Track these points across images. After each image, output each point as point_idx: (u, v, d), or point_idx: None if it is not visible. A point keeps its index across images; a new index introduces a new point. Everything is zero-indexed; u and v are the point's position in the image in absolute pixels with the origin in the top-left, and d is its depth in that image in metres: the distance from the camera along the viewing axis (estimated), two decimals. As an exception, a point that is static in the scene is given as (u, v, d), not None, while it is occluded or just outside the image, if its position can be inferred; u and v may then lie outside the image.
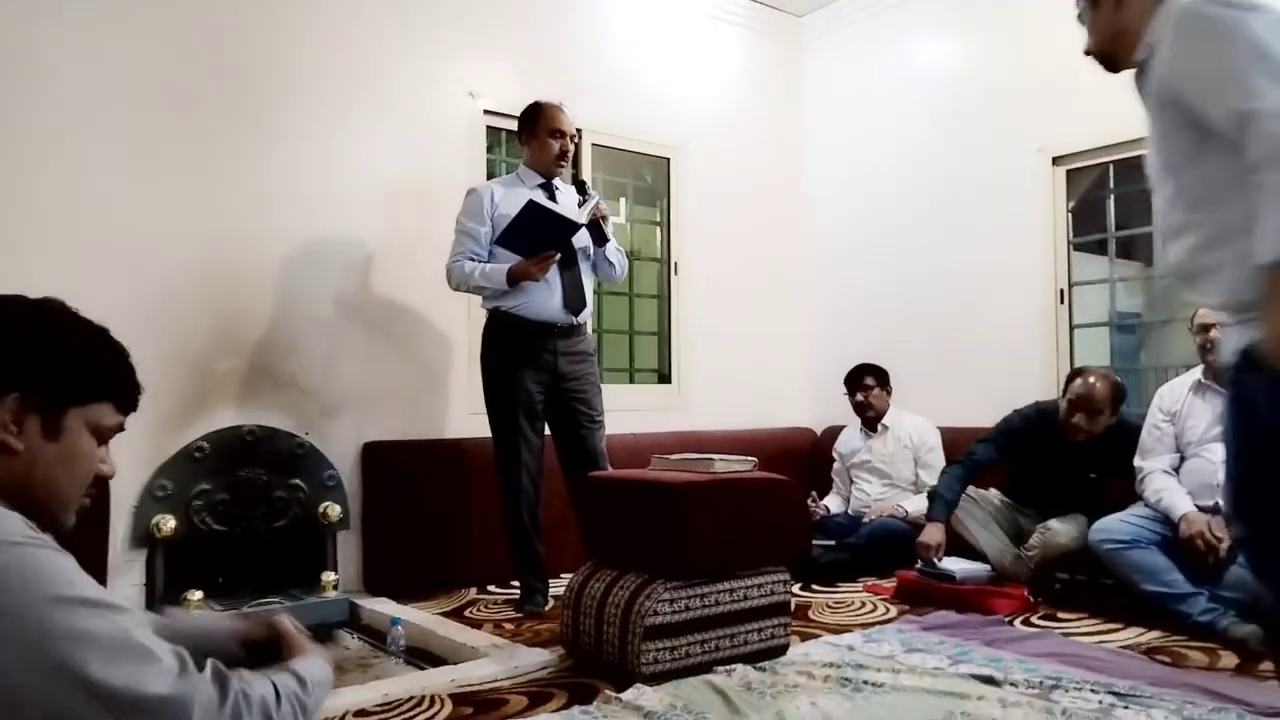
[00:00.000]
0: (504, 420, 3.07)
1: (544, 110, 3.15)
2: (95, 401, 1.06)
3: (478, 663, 2.48)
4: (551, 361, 3.07)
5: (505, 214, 2.99)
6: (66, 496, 1.05)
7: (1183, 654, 2.49)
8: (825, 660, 2.43)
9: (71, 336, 1.05)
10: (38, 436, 1.01)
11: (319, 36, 3.46)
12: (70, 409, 1.03)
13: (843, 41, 4.92)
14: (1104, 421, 3.14)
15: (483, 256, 3.07)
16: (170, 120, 3.14)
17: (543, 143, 3.13)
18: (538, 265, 2.94)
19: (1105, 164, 3.97)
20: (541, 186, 3.16)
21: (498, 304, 3.07)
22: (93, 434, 1.06)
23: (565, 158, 3.15)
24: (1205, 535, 2.70)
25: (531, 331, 3.05)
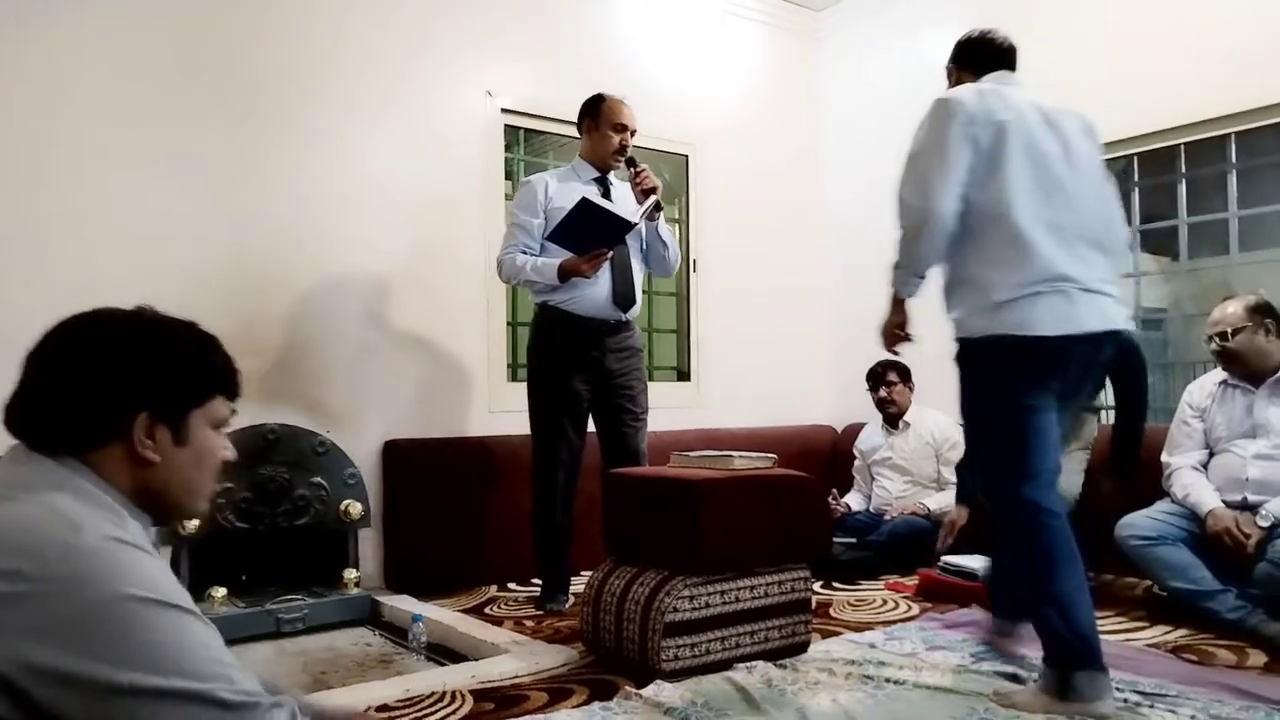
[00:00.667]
0: (545, 418, 3.05)
1: (607, 102, 3.13)
2: (210, 399, 1.11)
3: (498, 659, 2.49)
4: (598, 359, 3.05)
5: (559, 207, 2.96)
6: (203, 490, 1.13)
7: (1210, 652, 2.46)
8: (847, 658, 2.42)
9: (177, 344, 1.11)
10: (170, 445, 1.07)
11: (337, 38, 3.49)
12: (192, 413, 1.09)
13: (861, 35, 4.89)
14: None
15: (534, 249, 3.05)
16: (192, 122, 3.17)
17: (604, 135, 3.11)
18: (589, 264, 2.91)
19: (1129, 156, 3.92)
20: (597, 181, 3.14)
21: (546, 298, 3.05)
22: (213, 428, 1.12)
23: (623, 152, 3.10)
24: (1232, 531, 2.66)
25: (580, 327, 3.02)
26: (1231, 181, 3.66)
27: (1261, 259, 3.77)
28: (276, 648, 2.87)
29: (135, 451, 1.04)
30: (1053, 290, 2.01)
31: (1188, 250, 3.92)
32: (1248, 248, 3.73)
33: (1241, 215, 3.67)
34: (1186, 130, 3.68)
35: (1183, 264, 4.01)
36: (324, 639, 2.97)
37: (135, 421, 1.04)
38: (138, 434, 1.04)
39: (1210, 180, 3.81)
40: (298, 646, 2.89)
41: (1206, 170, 3.78)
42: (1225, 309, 2.85)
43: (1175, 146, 3.77)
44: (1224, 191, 3.69)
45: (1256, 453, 2.77)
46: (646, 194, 2.99)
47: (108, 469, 1.03)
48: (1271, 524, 2.63)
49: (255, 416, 3.18)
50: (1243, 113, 3.51)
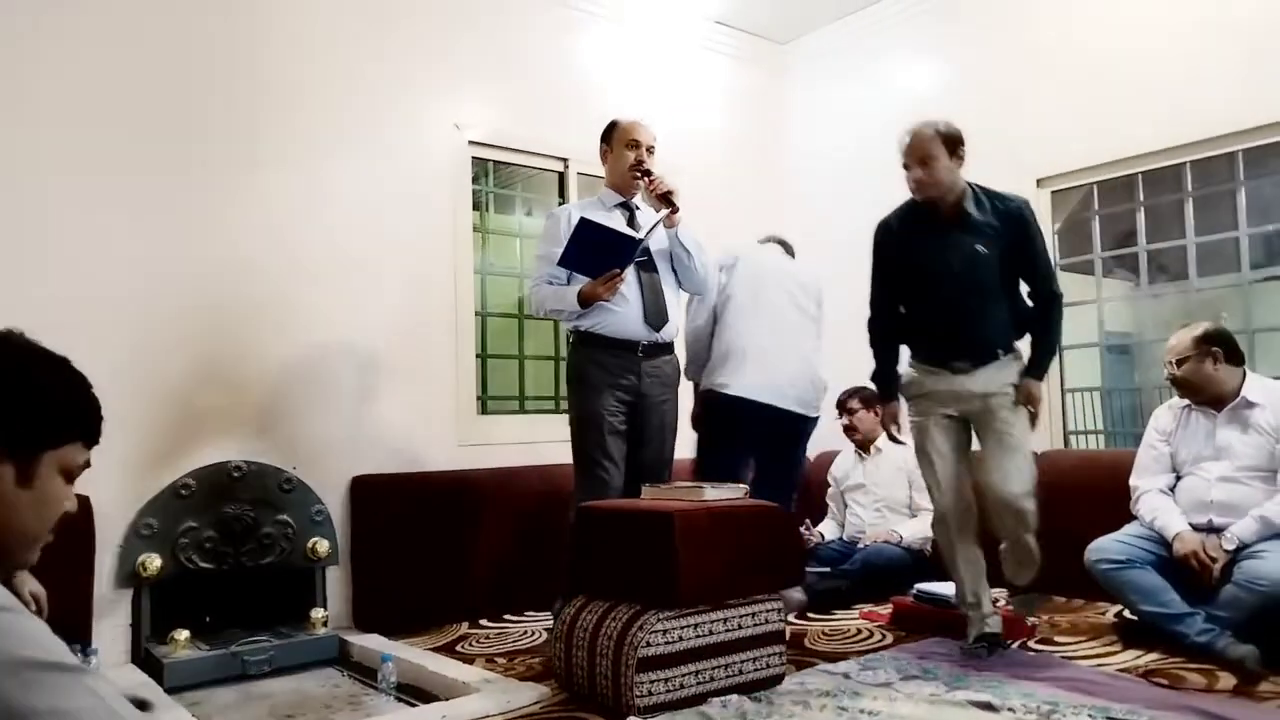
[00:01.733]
0: (588, 445, 2.94)
1: (620, 123, 3.11)
2: (67, 443, 1.03)
3: (469, 698, 2.45)
4: (635, 383, 2.95)
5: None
6: (36, 539, 1.03)
7: (1180, 675, 2.47)
8: (821, 689, 2.41)
9: (42, 378, 1.02)
10: (12, 485, 0.98)
11: (304, 69, 3.49)
12: (45, 454, 1.01)
13: (827, 68, 4.97)
14: (944, 171, 2.67)
15: (561, 279, 2.97)
16: (155, 154, 3.14)
17: (619, 155, 3.06)
18: (605, 287, 2.84)
19: (1090, 185, 4.00)
20: (621, 207, 3.09)
21: (578, 324, 2.97)
22: (63, 475, 1.03)
23: (639, 168, 3.02)
24: (1199, 554, 2.69)
25: (613, 350, 2.94)
26: (1188, 209, 3.75)
27: (1220, 284, 3.85)
28: (242, 691, 2.80)
29: None
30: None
31: (1148, 275, 4.00)
32: (1205, 273, 3.81)
33: (1199, 242, 3.75)
34: (1143, 160, 3.77)
35: (1144, 289, 4.09)
36: (291, 681, 2.90)
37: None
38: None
39: (1169, 208, 3.90)
40: (264, 689, 2.82)
41: (1165, 199, 3.86)
42: (1173, 339, 2.92)
43: (1134, 176, 3.86)
44: (1181, 219, 3.78)
45: (1220, 475, 2.81)
46: (662, 200, 2.94)
47: None
48: (1236, 547, 2.66)
49: (219, 453, 3.13)
50: (1197, 142, 3.60)
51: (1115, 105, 3.77)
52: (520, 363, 4.17)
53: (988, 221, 2.69)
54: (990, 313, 2.72)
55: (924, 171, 2.67)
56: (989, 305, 2.71)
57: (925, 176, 2.67)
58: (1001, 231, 2.69)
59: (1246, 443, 2.80)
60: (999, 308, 2.73)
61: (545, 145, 4.10)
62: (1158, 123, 3.65)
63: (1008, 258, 2.70)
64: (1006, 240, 2.69)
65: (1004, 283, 2.73)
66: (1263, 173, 3.60)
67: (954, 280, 2.69)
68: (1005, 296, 2.75)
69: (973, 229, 2.69)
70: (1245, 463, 2.78)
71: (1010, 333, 2.77)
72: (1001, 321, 2.74)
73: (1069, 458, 3.82)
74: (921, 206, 2.76)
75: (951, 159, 2.69)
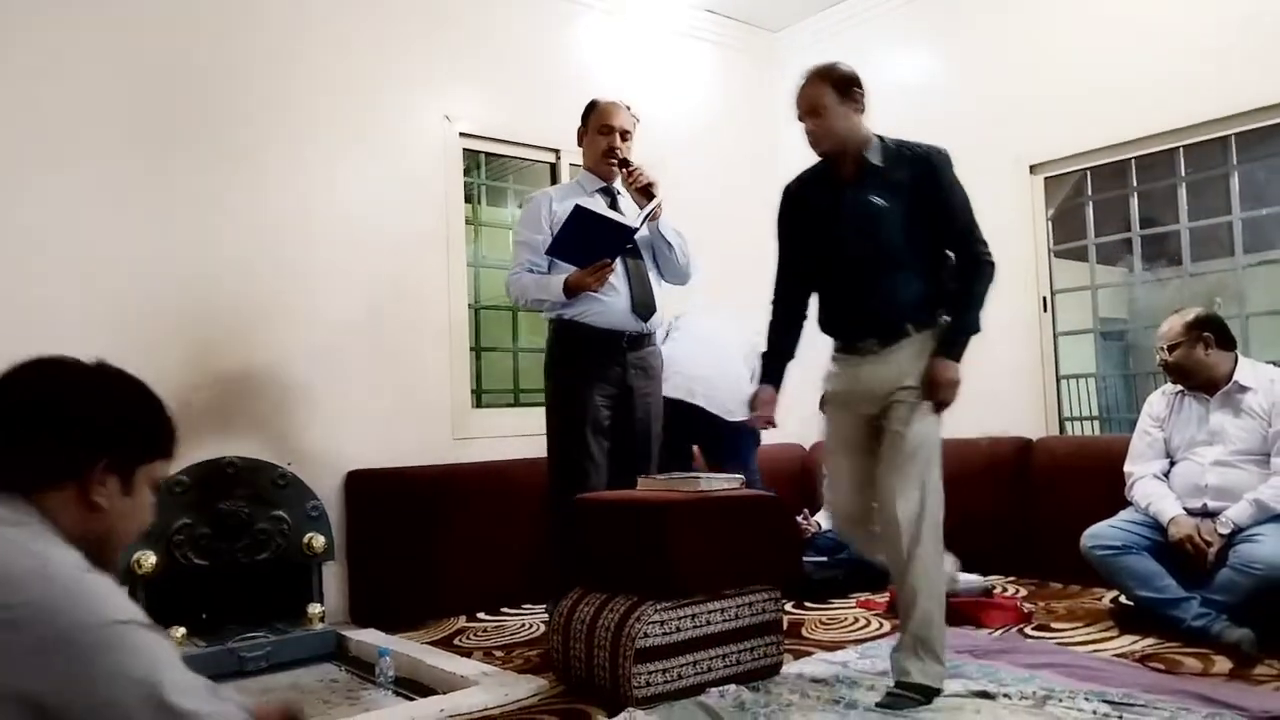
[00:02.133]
0: (569, 439, 2.86)
1: (596, 106, 3.02)
2: (157, 459, 1.18)
3: (468, 691, 2.45)
4: (620, 375, 2.88)
5: (563, 219, 2.82)
6: (126, 544, 1.20)
7: (1177, 660, 2.48)
8: (819, 678, 2.41)
9: (140, 400, 1.18)
10: (118, 494, 1.12)
11: (294, 63, 3.46)
12: (141, 467, 1.15)
13: (819, 56, 4.90)
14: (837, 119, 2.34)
15: (542, 267, 2.90)
16: (148, 153, 3.12)
17: (592, 139, 2.99)
18: (594, 276, 2.76)
19: (1083, 171, 4.00)
20: (602, 192, 3.01)
21: (561, 312, 2.88)
22: (151, 488, 1.18)
23: (613, 155, 2.94)
24: (1194, 539, 2.70)
25: (599, 341, 2.86)
26: (1182, 194, 3.75)
27: (1214, 269, 3.85)
28: (239, 687, 2.78)
29: (87, 495, 1.08)
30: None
31: (1142, 262, 4.00)
32: (1199, 258, 3.81)
33: (1192, 227, 3.75)
34: (1137, 145, 3.77)
35: (1138, 275, 4.09)
36: (288, 676, 2.90)
37: (94, 465, 1.09)
38: (94, 477, 1.08)
39: (1162, 193, 3.90)
40: (261, 685, 2.81)
41: (1160, 184, 3.86)
42: (1164, 325, 2.93)
43: (1127, 161, 3.85)
44: (1174, 204, 3.78)
45: (1214, 460, 2.82)
46: (643, 192, 2.87)
47: (55, 510, 1.06)
48: (1231, 531, 2.67)
49: (213, 449, 3.11)
50: (1189, 126, 3.59)
51: (1108, 91, 3.76)
52: (514, 355, 4.16)
53: (892, 173, 2.32)
54: (898, 280, 2.30)
55: (814, 122, 2.35)
56: (896, 271, 2.30)
57: (816, 128, 2.35)
58: (908, 183, 2.30)
59: (1239, 427, 2.81)
60: (910, 275, 2.31)
61: (537, 136, 4.07)
62: (1150, 108, 3.64)
63: (917, 214, 2.29)
64: (915, 193, 2.29)
65: (915, 244, 2.31)
66: (1255, 157, 3.60)
67: (853, 242, 2.33)
68: (919, 261, 2.32)
69: (873, 182, 2.32)
70: (1239, 447, 2.79)
71: (929, 307, 2.33)
72: (913, 292, 2.31)
73: (1064, 444, 3.83)
74: (826, 164, 2.43)
75: (845, 104, 2.33)
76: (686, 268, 3.06)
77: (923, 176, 2.31)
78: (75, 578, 0.99)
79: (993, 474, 3.82)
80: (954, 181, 2.36)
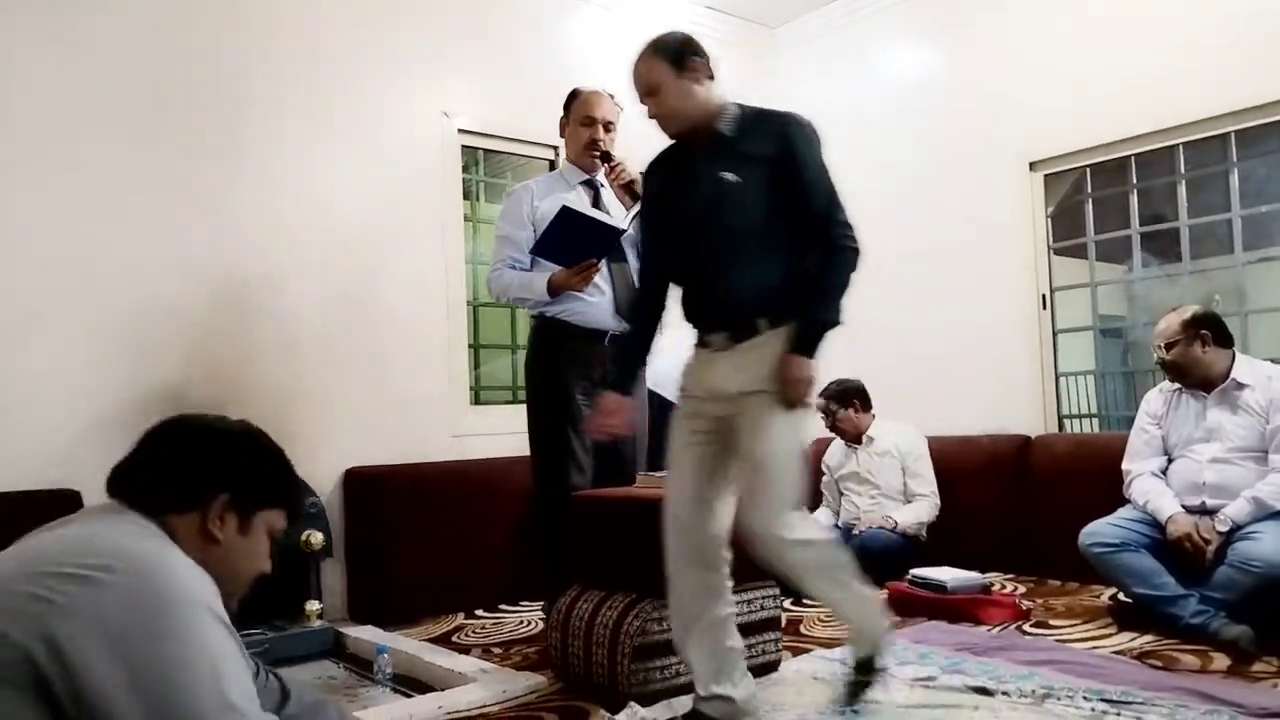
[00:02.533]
0: (552, 439, 2.80)
1: (580, 97, 2.91)
2: (276, 507, 1.30)
3: (466, 689, 2.45)
4: (603, 374, 2.77)
5: (546, 214, 2.76)
6: (240, 586, 1.27)
7: (1174, 657, 2.48)
8: (818, 675, 2.41)
9: (270, 453, 1.32)
10: (234, 532, 1.24)
11: (290, 59, 3.45)
12: (259, 511, 1.27)
13: (817, 52, 4.94)
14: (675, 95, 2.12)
15: (524, 263, 2.84)
16: (140, 144, 3.11)
17: (574, 131, 2.90)
18: (579, 277, 2.71)
19: (1083, 168, 3.99)
20: (585, 185, 2.93)
21: (544, 310, 2.82)
22: (268, 535, 1.29)
23: (595, 148, 2.85)
24: (1193, 537, 2.70)
25: (581, 339, 2.80)
26: (1181, 191, 3.75)
27: (1214, 266, 3.85)
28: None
29: (205, 525, 1.20)
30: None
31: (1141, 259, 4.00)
32: (1198, 255, 3.81)
33: (1192, 224, 3.75)
34: (1137, 142, 3.76)
35: (1137, 272, 4.09)
36: (286, 673, 2.87)
37: (216, 498, 1.21)
38: (214, 509, 1.21)
39: (1162, 190, 3.89)
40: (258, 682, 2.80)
41: (1160, 181, 3.86)
42: (1161, 323, 2.92)
43: (1126, 158, 3.85)
44: (1174, 201, 3.78)
45: (1212, 457, 2.82)
46: (626, 190, 2.80)
47: (179, 533, 1.18)
48: (1230, 528, 2.66)
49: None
50: (1189, 124, 3.59)
51: (1108, 88, 3.75)
52: (513, 352, 4.16)
53: (745, 144, 2.07)
54: (751, 267, 2.02)
55: (653, 103, 2.12)
56: (749, 256, 2.02)
57: (657, 108, 2.12)
58: (764, 156, 2.04)
59: (1237, 424, 2.81)
60: (767, 262, 2.03)
61: (536, 133, 4.06)
62: (1150, 104, 3.64)
63: (776, 191, 2.03)
64: (772, 166, 2.03)
65: (774, 226, 2.04)
66: (1255, 153, 3.60)
67: (702, 224, 2.07)
68: (779, 246, 2.04)
69: (725, 155, 2.06)
70: (1236, 444, 2.79)
71: (789, 300, 2.03)
72: (770, 281, 2.02)
73: (1063, 441, 3.83)
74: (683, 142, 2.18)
75: (683, 76, 2.11)
76: None
77: (779, 147, 2.05)
78: (185, 564, 1.11)
79: (992, 471, 3.83)
80: (813, 153, 2.10)
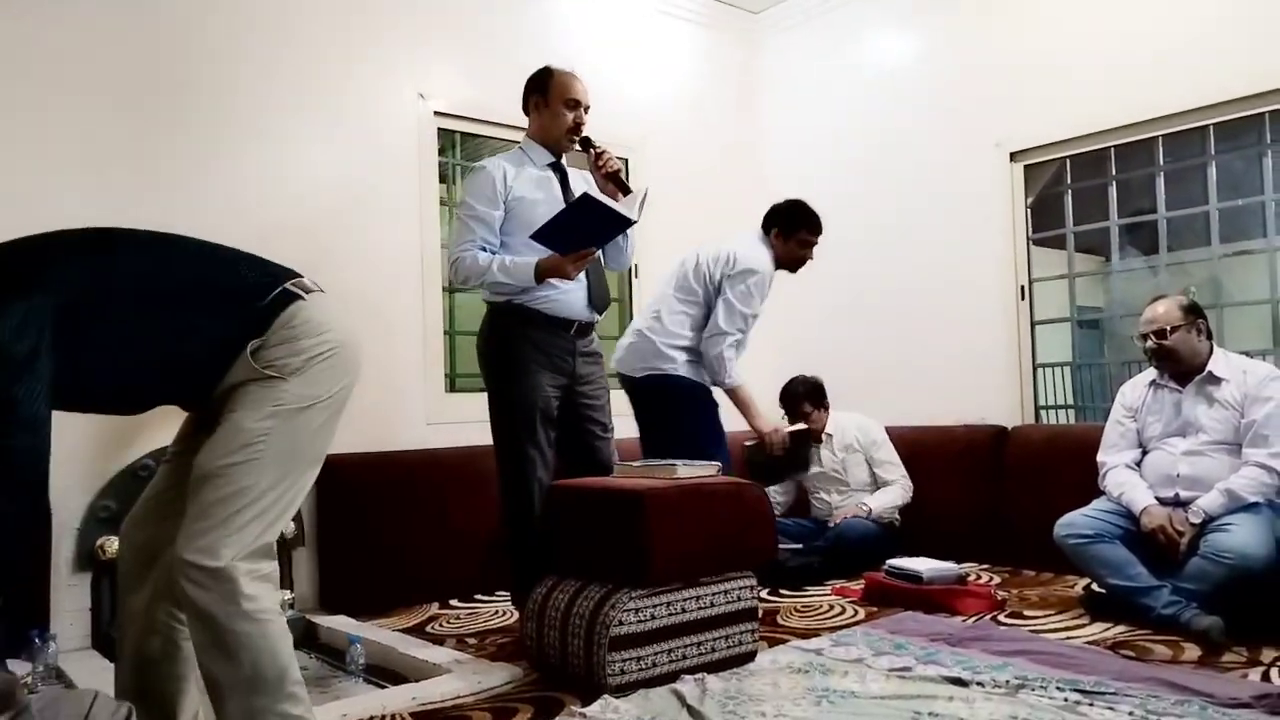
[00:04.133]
0: (517, 428, 2.71)
1: (557, 76, 2.79)
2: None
3: (440, 679, 2.42)
4: (570, 364, 2.76)
5: (520, 197, 2.69)
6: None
7: (1147, 648, 2.50)
8: (794, 665, 2.40)
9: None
10: None
11: (264, 38, 3.37)
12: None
13: (800, 38, 4.91)
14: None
15: (495, 245, 2.71)
16: (115, 129, 3.03)
17: (555, 113, 2.77)
18: (575, 264, 2.61)
19: (1063, 159, 4.00)
20: (552, 167, 2.83)
21: (510, 297, 2.71)
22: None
23: (578, 132, 2.78)
24: (1166, 529, 2.72)
25: (550, 328, 2.72)
26: (1160, 184, 3.76)
27: (1190, 258, 3.88)
28: (206, 675, 2.75)
29: None
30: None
31: (1119, 251, 4.01)
32: (1175, 248, 3.83)
33: (1170, 216, 3.77)
34: (1117, 133, 3.77)
35: (1115, 264, 4.11)
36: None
37: None
38: None
39: (1142, 183, 3.91)
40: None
41: (1139, 173, 3.87)
42: (1158, 308, 2.92)
43: (1106, 150, 3.85)
44: (1153, 194, 3.79)
45: (1186, 450, 2.84)
46: (610, 179, 2.72)
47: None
48: (1202, 520, 2.69)
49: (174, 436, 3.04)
50: (1168, 116, 3.60)
51: (1088, 79, 3.76)
52: (490, 339, 4.11)
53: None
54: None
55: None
56: None
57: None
58: None
59: (1212, 417, 2.82)
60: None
61: (513, 115, 3.96)
62: (1130, 96, 3.65)
63: None
64: None
65: None
66: (1233, 147, 3.62)
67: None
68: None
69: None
70: (1211, 437, 2.81)
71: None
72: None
73: (1039, 432, 3.85)
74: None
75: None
76: (631, 257, 2.97)
77: None
78: None
79: (968, 462, 3.85)
80: None
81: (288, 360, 1.59)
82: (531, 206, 2.69)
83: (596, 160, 2.75)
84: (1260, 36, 3.32)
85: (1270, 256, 3.51)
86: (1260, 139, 3.48)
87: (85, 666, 2.59)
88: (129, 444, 2.99)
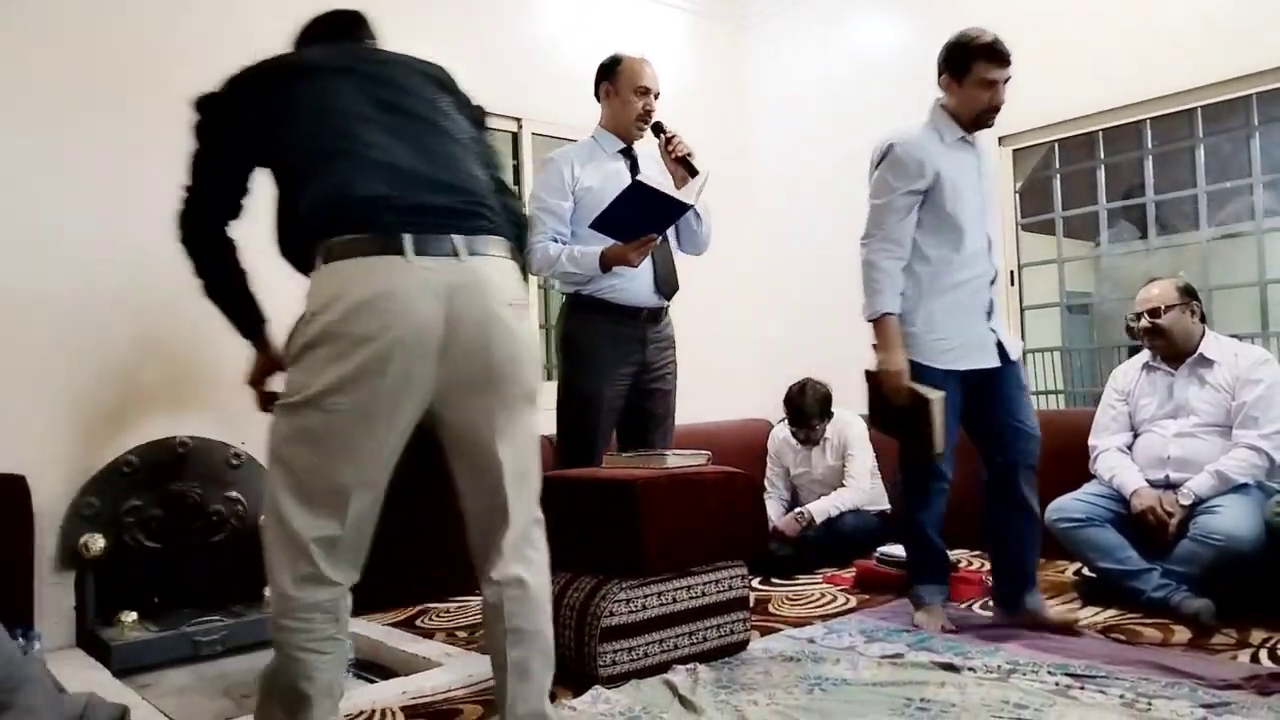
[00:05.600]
0: (584, 421, 2.75)
1: (626, 63, 2.83)
2: None
3: (430, 673, 2.41)
4: (640, 352, 2.76)
5: (588, 187, 2.72)
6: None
7: (1138, 631, 2.50)
8: (786, 654, 2.40)
9: None
10: None
11: (240, 31, 3.32)
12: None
13: (789, 25, 4.88)
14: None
15: (566, 236, 2.74)
16: (93, 123, 2.98)
17: (625, 100, 2.80)
18: (637, 251, 2.60)
19: (1051, 143, 3.98)
20: (623, 154, 2.86)
21: (581, 287, 2.74)
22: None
23: (648, 119, 2.80)
24: (1156, 510, 2.72)
25: (620, 317, 2.74)
26: (1148, 167, 3.75)
27: (1179, 241, 3.87)
28: (194, 672, 2.72)
29: None
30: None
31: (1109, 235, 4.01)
32: (1164, 230, 3.83)
33: (1158, 200, 3.76)
34: (1105, 116, 3.75)
35: (1105, 248, 4.11)
36: (245, 660, 2.82)
37: None
38: None
39: (1131, 167, 3.90)
40: (217, 670, 2.74)
41: (1127, 157, 3.86)
42: (1153, 289, 2.92)
43: (1095, 134, 3.84)
44: (1141, 177, 3.79)
45: (1177, 432, 2.84)
46: (680, 162, 2.71)
47: None
48: (1193, 502, 2.69)
49: (164, 429, 3.01)
50: (1156, 99, 3.59)
51: (1076, 63, 3.74)
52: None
53: None
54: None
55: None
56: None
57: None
58: None
59: (1204, 400, 2.83)
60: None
61: (497, 104, 3.95)
62: (1118, 79, 3.63)
63: None
64: None
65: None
66: (1220, 129, 3.61)
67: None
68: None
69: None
70: (1203, 419, 2.82)
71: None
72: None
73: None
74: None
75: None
76: (708, 239, 2.96)
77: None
78: None
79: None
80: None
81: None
82: (599, 196, 2.67)
83: (666, 144, 2.75)
84: (1246, 18, 3.31)
85: (1259, 239, 3.51)
86: (1248, 120, 3.48)
87: (71, 666, 2.57)
88: (112, 439, 2.95)
